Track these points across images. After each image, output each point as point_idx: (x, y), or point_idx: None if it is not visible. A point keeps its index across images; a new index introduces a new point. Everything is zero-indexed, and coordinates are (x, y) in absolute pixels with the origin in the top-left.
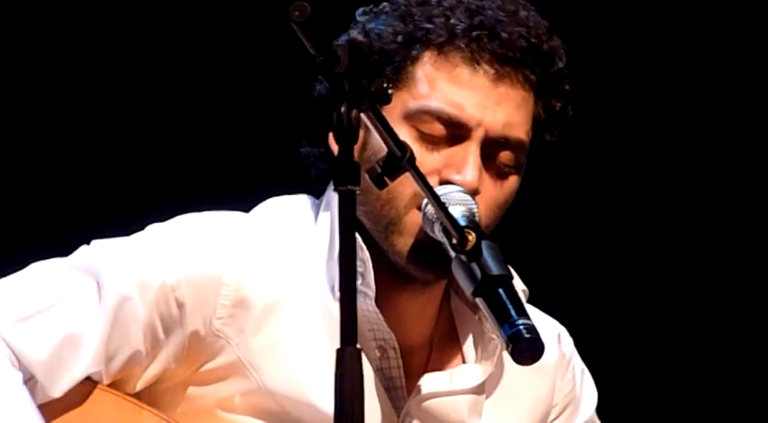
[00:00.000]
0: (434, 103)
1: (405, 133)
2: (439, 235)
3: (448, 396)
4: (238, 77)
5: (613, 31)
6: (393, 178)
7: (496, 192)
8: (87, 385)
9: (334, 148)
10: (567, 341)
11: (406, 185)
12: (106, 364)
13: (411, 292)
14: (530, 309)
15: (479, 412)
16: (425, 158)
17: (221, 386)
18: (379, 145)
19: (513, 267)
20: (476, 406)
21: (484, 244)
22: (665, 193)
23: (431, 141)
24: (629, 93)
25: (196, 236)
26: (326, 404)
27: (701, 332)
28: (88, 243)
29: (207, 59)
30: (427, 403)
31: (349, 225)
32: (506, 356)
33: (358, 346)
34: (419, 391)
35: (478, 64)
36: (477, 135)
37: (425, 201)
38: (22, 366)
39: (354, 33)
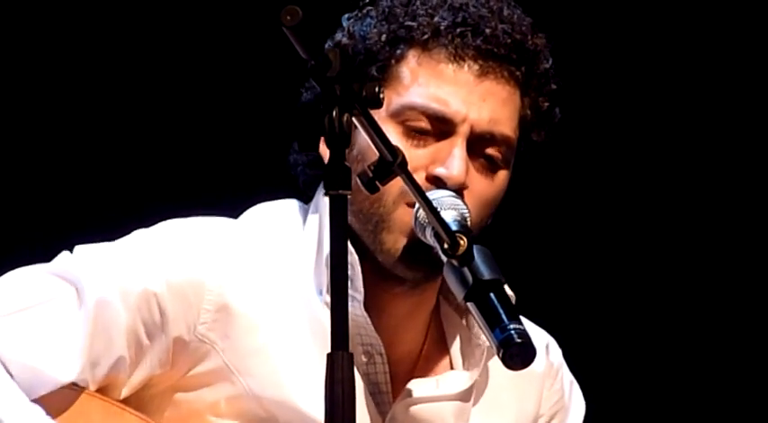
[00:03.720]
0: (419, 99)
1: (391, 130)
2: (431, 240)
3: (434, 402)
4: (227, 83)
5: (600, 30)
6: (384, 182)
7: (485, 187)
8: (73, 390)
9: (325, 152)
10: (556, 352)
11: (393, 182)
12: (91, 370)
13: (400, 296)
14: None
15: (466, 419)
16: (412, 154)
17: (208, 391)
18: (365, 145)
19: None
20: (462, 413)
21: (476, 249)
22: (653, 206)
23: (417, 138)
24: (618, 93)
25: (180, 242)
26: (314, 409)
27: (691, 343)
28: (71, 249)
29: (194, 65)
30: (413, 409)
31: (341, 229)
32: (492, 364)
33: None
34: (405, 396)
35: (463, 60)
36: (463, 130)
37: (417, 205)
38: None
39: (339, 37)
